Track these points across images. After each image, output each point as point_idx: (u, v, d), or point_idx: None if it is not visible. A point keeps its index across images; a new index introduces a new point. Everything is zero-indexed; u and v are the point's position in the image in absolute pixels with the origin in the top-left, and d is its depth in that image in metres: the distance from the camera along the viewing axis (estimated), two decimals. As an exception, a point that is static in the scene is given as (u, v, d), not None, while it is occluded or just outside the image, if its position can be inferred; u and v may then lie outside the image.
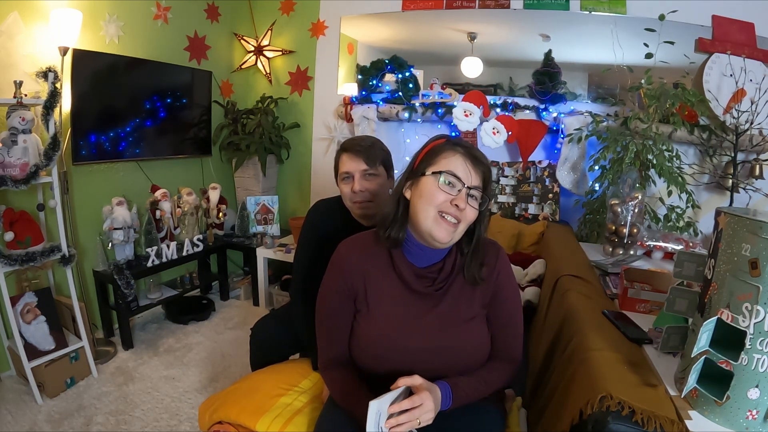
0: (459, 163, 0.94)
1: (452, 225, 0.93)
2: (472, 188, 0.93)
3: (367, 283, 1.01)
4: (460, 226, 0.94)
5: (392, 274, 1.01)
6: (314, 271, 1.36)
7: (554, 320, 1.32)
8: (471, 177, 0.94)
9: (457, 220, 0.93)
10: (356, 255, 1.02)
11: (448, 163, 0.95)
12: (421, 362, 0.96)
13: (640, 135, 2.06)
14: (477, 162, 0.95)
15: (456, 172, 0.93)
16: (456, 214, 0.92)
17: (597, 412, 0.79)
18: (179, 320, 2.66)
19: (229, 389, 1.25)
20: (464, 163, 0.94)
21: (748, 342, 0.74)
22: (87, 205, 2.34)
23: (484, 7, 2.61)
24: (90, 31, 2.25)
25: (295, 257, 1.47)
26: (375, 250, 1.02)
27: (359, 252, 1.02)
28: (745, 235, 0.75)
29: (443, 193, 0.93)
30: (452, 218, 0.93)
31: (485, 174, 0.96)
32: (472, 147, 0.99)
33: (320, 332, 1.07)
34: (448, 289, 1.00)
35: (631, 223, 1.87)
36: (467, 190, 0.93)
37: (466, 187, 0.93)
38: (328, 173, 3.12)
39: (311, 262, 1.40)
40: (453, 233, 0.94)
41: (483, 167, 0.96)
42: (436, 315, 0.99)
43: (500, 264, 1.02)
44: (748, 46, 2.16)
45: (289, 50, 3.17)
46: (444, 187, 0.93)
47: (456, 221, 0.93)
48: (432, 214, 0.93)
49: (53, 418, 1.79)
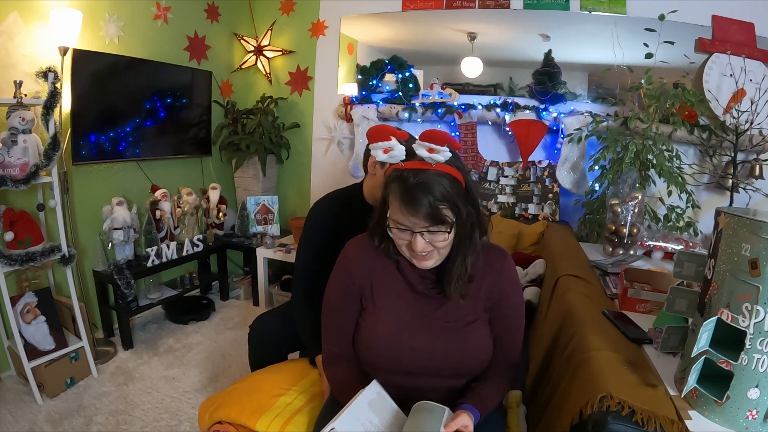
0: (398, 209, 0.89)
1: (426, 256, 0.92)
2: (420, 231, 0.88)
3: (373, 281, 1.02)
4: (435, 255, 0.93)
5: (397, 274, 1.02)
6: (317, 268, 1.38)
7: (554, 320, 1.32)
8: (414, 221, 0.87)
9: (427, 252, 0.91)
10: (364, 254, 1.03)
11: (393, 210, 0.91)
12: (423, 361, 0.97)
13: (640, 135, 2.06)
14: (413, 203, 0.86)
15: (399, 220, 0.89)
16: (419, 255, 0.91)
17: (597, 412, 0.79)
18: (179, 320, 2.66)
19: (229, 389, 1.25)
20: (401, 209, 0.88)
21: (748, 342, 0.74)
22: (87, 205, 2.35)
23: (484, 7, 2.61)
24: (90, 31, 2.25)
25: (297, 255, 1.47)
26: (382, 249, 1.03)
27: (367, 251, 1.03)
28: (745, 235, 0.75)
29: (401, 239, 0.92)
30: (423, 252, 0.91)
31: (431, 208, 0.86)
32: (411, 183, 0.87)
33: (325, 327, 1.09)
34: None
35: (631, 223, 1.87)
36: (419, 234, 0.89)
37: (413, 232, 0.89)
38: (328, 173, 3.17)
39: (314, 258, 1.41)
40: (431, 260, 0.93)
41: (425, 202, 0.85)
42: (439, 316, 0.99)
43: (506, 270, 1.01)
44: (748, 46, 2.16)
45: (289, 50, 3.17)
46: (399, 234, 0.91)
47: (428, 252, 0.91)
48: (405, 250, 0.94)
49: (53, 418, 1.79)
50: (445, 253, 0.94)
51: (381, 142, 0.91)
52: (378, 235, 1.00)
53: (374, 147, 0.92)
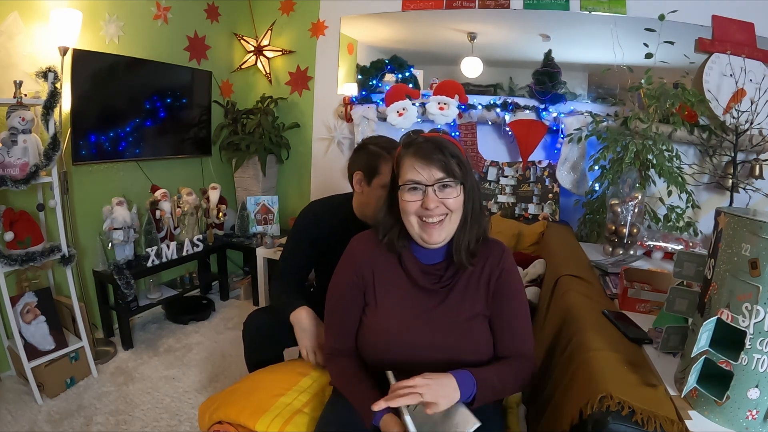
0: (411, 166, 0.95)
1: (437, 224, 0.95)
2: (434, 184, 0.93)
3: (375, 276, 1.04)
4: (446, 220, 0.96)
5: (399, 269, 1.04)
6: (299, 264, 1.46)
7: (554, 320, 1.32)
8: (428, 174, 0.94)
9: (438, 218, 0.95)
10: (367, 249, 1.06)
11: (405, 171, 0.96)
12: (424, 356, 0.98)
13: (640, 135, 2.06)
14: (426, 156, 0.93)
15: (413, 177, 0.95)
16: (432, 214, 0.94)
17: (597, 412, 0.79)
18: (179, 320, 2.66)
19: (228, 389, 1.25)
20: (414, 165, 0.94)
21: (748, 342, 0.74)
22: (87, 205, 2.34)
23: (484, 7, 2.61)
24: (90, 31, 2.25)
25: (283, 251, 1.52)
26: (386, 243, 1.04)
27: (370, 246, 1.06)
28: (745, 235, 0.75)
29: (412, 202, 0.95)
30: (432, 218, 0.95)
31: (444, 160, 0.93)
32: (423, 141, 0.97)
33: (328, 323, 1.11)
34: (453, 286, 1.02)
35: (631, 223, 1.87)
36: (432, 188, 0.93)
37: (426, 186, 0.94)
38: (328, 173, 3.17)
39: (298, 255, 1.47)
40: (442, 231, 0.96)
41: (437, 156, 0.93)
42: (440, 311, 1.00)
43: (504, 262, 1.03)
44: (748, 46, 2.16)
45: (289, 50, 3.17)
46: (410, 197, 0.95)
47: (438, 219, 0.95)
48: (415, 222, 0.97)
49: (53, 418, 1.79)
50: (456, 220, 0.97)
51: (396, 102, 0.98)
52: (383, 226, 1.03)
53: (390, 109, 0.98)
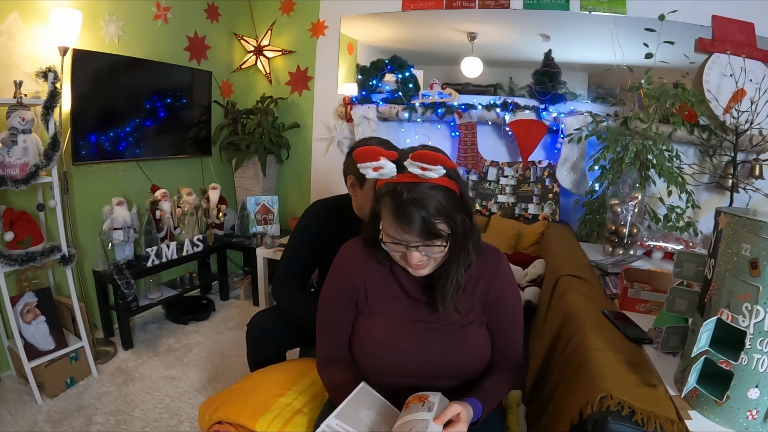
0: (391, 224, 0.87)
1: (422, 266, 0.91)
2: (417, 246, 0.87)
3: (368, 285, 1.01)
4: (432, 263, 0.92)
5: (392, 279, 1.02)
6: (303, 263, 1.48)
7: (554, 320, 1.32)
8: (410, 237, 0.85)
9: (423, 263, 0.91)
10: (359, 257, 1.02)
11: (386, 225, 0.88)
12: (418, 363, 0.97)
13: (640, 135, 2.06)
14: (407, 218, 0.83)
15: (394, 236, 0.87)
16: (415, 266, 0.90)
17: (597, 412, 0.79)
18: (179, 320, 2.66)
19: (229, 389, 1.25)
20: (393, 226, 0.86)
21: (748, 342, 0.74)
22: (87, 205, 2.34)
23: (484, 7, 2.61)
24: (90, 31, 2.25)
25: (285, 249, 1.52)
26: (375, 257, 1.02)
27: (362, 255, 1.02)
28: (745, 235, 0.75)
29: (396, 252, 0.91)
30: (416, 268, 0.91)
31: (426, 220, 0.83)
32: (403, 198, 0.84)
33: (320, 331, 1.08)
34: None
35: (631, 223, 1.87)
36: (415, 247, 0.87)
37: (406, 246, 0.88)
38: (328, 173, 3.17)
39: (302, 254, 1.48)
40: (426, 268, 0.92)
41: (419, 215, 0.83)
42: (433, 319, 0.99)
43: (500, 271, 1.01)
44: (748, 46, 2.16)
45: (289, 50, 3.17)
46: (393, 248, 0.90)
47: (422, 262, 0.91)
48: (401, 262, 0.93)
49: (53, 418, 1.79)
50: (439, 263, 0.93)
51: (370, 162, 0.86)
52: (371, 245, 0.99)
53: (363, 166, 0.87)
